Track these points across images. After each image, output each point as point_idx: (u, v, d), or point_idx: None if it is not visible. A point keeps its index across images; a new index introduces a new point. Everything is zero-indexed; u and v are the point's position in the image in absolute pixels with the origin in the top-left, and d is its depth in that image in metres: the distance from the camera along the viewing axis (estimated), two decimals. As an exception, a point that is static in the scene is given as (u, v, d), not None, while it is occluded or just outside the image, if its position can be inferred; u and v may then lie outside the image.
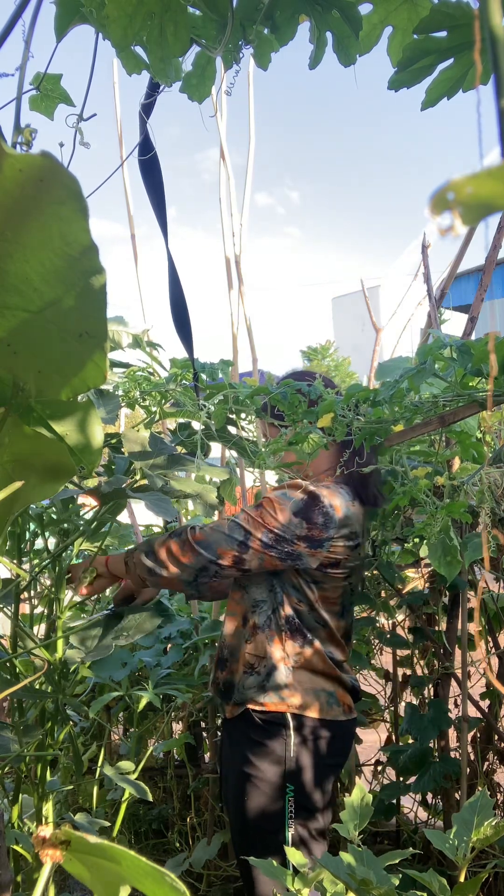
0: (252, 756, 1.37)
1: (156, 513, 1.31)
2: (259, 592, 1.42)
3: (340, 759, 1.43)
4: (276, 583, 1.41)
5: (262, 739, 1.37)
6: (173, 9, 0.98)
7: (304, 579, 1.39)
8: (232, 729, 1.45)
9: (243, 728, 1.40)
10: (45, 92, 1.23)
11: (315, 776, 1.37)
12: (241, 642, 1.43)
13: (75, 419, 0.73)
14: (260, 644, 1.40)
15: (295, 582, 1.39)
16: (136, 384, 1.54)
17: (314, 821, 1.37)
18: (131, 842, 2.22)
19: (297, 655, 1.38)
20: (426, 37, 0.94)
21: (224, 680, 1.45)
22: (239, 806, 1.39)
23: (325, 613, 1.40)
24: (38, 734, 1.34)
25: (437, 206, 0.28)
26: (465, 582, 1.67)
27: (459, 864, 0.89)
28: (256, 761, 1.37)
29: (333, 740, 1.39)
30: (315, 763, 1.37)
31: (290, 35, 1.07)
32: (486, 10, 0.34)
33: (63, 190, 0.50)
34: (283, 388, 1.36)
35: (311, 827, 1.36)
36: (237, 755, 1.41)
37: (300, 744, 1.36)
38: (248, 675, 1.40)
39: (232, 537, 1.35)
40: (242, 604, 1.44)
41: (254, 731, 1.38)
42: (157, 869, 0.38)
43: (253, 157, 2.32)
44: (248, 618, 1.42)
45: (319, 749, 1.37)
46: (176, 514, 1.35)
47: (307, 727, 1.37)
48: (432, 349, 1.14)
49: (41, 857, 0.39)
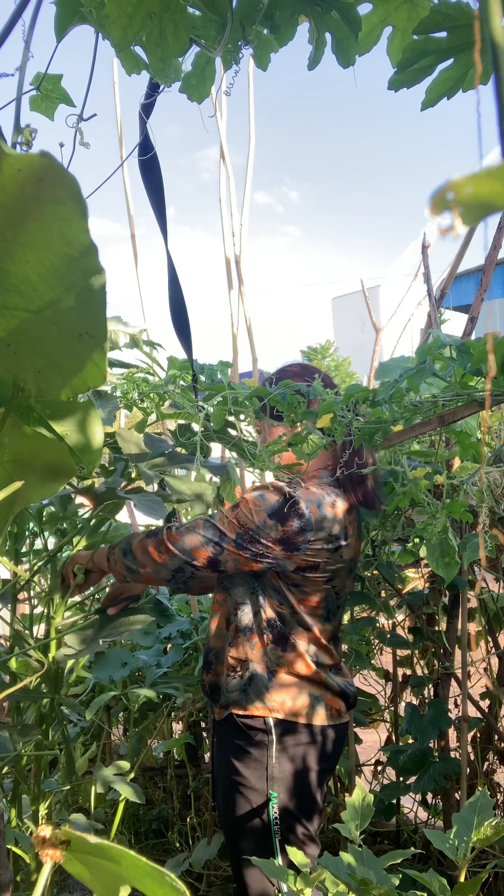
0: (236, 762, 1.36)
1: (146, 514, 1.31)
2: (241, 594, 1.40)
3: (328, 763, 1.40)
4: (256, 585, 1.39)
5: (246, 745, 1.36)
6: (173, 9, 0.98)
7: (285, 582, 1.37)
8: (219, 732, 1.44)
9: (228, 732, 1.40)
10: (45, 92, 1.23)
11: (300, 782, 1.35)
12: (224, 644, 1.41)
13: (75, 419, 0.73)
14: (242, 647, 1.38)
15: (275, 584, 1.37)
16: (134, 386, 1.54)
17: (301, 826, 1.35)
18: (131, 842, 2.22)
19: (279, 659, 1.37)
20: (426, 37, 0.94)
21: (210, 682, 1.43)
22: (227, 811, 1.38)
23: (307, 617, 1.37)
24: (35, 734, 1.34)
25: (437, 206, 0.28)
26: (464, 582, 1.67)
27: (459, 864, 0.89)
28: (241, 767, 1.36)
29: (319, 745, 1.37)
30: (300, 768, 1.35)
31: (290, 35, 1.07)
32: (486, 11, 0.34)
33: (63, 190, 0.50)
34: (283, 389, 1.35)
35: (298, 832, 1.35)
36: (223, 760, 1.41)
37: (282, 750, 1.34)
38: (230, 678, 1.39)
39: (206, 537, 1.33)
40: (225, 605, 1.43)
41: (238, 735, 1.37)
42: (157, 869, 0.38)
43: (253, 158, 2.32)
44: (231, 620, 1.41)
45: (304, 754, 1.36)
46: (165, 514, 1.34)
47: (290, 732, 1.35)
48: (432, 349, 1.14)
49: (41, 857, 0.39)
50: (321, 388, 1.32)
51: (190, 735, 2.10)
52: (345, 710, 1.44)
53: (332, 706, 1.40)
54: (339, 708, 1.42)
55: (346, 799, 1.00)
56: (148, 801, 2.30)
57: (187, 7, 1.00)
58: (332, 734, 1.40)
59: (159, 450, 1.46)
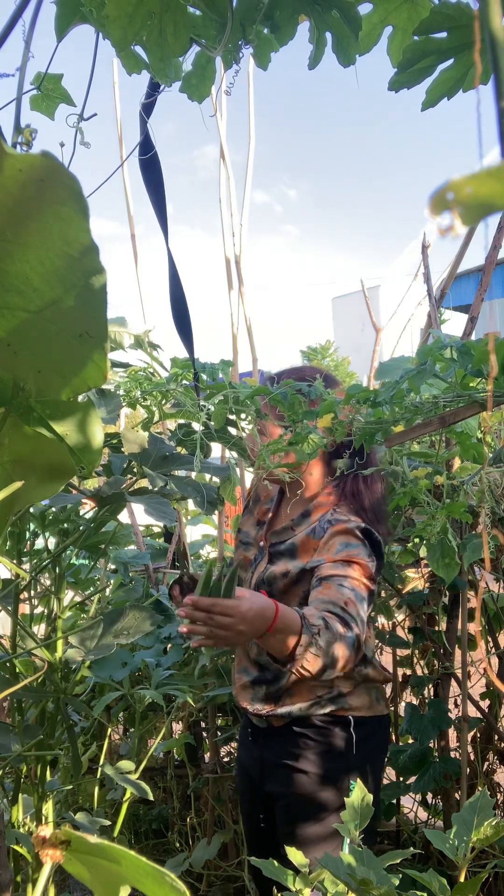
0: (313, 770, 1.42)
1: (155, 518, 1.31)
2: None
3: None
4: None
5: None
6: (173, 9, 0.98)
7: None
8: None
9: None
10: (45, 92, 1.23)
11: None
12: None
13: (75, 419, 0.73)
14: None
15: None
16: (137, 384, 1.54)
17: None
18: (131, 842, 2.22)
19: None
20: (426, 38, 0.94)
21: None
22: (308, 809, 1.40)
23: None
24: (38, 734, 1.34)
25: (436, 206, 0.28)
26: (465, 582, 1.67)
27: (459, 864, 0.89)
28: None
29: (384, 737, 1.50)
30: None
31: (290, 35, 1.07)
32: (486, 11, 0.34)
33: (63, 190, 0.50)
34: (283, 389, 1.35)
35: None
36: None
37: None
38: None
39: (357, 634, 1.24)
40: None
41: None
42: (157, 869, 0.38)
43: (253, 158, 2.32)
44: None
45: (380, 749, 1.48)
46: (175, 517, 1.34)
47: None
48: (432, 350, 1.14)
49: (41, 857, 0.39)
50: (322, 387, 1.32)
51: (190, 735, 2.10)
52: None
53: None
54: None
55: (346, 799, 1.00)
56: (148, 801, 2.30)
57: (187, 7, 1.00)
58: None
59: (161, 451, 1.46)
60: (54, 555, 1.47)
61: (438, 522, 1.31)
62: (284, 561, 1.46)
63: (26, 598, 1.56)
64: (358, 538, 1.36)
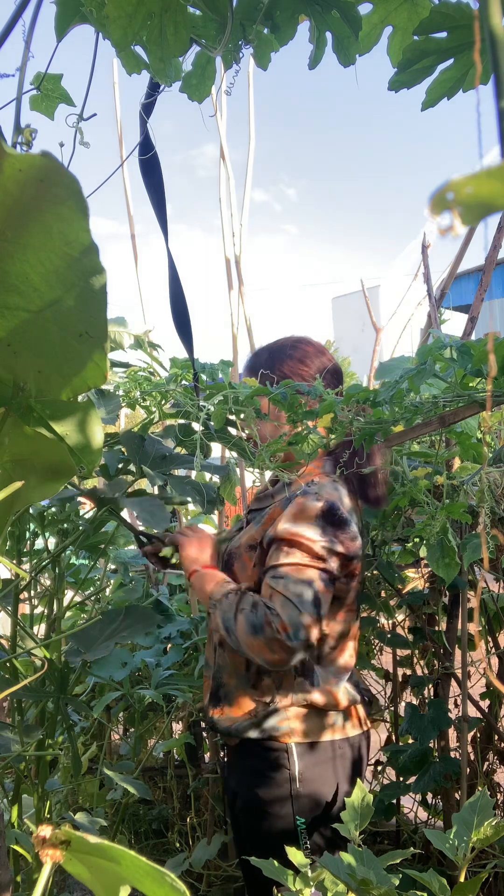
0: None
1: (149, 523, 1.29)
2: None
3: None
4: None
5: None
6: (173, 9, 0.98)
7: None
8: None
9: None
10: (45, 92, 1.23)
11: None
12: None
13: (75, 419, 0.73)
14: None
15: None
16: (136, 384, 1.54)
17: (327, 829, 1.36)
18: (131, 842, 2.22)
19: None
20: (426, 38, 0.94)
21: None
22: (252, 833, 1.39)
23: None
24: (38, 734, 1.34)
25: (436, 205, 0.28)
26: (465, 582, 1.67)
27: (459, 864, 0.89)
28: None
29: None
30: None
31: (290, 35, 1.07)
32: (486, 11, 0.34)
33: (63, 190, 0.50)
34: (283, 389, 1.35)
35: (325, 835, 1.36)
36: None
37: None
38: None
39: (312, 614, 1.25)
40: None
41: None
42: (157, 869, 0.38)
43: (253, 158, 2.32)
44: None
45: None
46: (167, 522, 1.33)
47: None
48: (432, 349, 1.14)
49: (41, 857, 0.39)
50: (321, 387, 1.32)
51: (190, 735, 2.10)
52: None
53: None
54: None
55: (346, 799, 1.00)
56: (148, 802, 2.30)
57: (187, 7, 1.00)
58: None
59: (160, 452, 1.46)
60: (54, 555, 1.47)
61: (438, 522, 1.31)
62: (252, 531, 1.42)
63: (26, 598, 1.56)
64: (310, 517, 1.31)
